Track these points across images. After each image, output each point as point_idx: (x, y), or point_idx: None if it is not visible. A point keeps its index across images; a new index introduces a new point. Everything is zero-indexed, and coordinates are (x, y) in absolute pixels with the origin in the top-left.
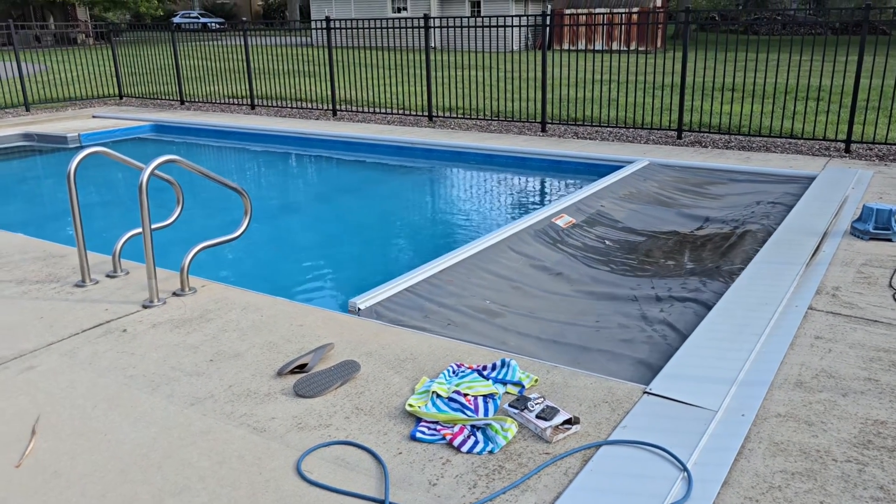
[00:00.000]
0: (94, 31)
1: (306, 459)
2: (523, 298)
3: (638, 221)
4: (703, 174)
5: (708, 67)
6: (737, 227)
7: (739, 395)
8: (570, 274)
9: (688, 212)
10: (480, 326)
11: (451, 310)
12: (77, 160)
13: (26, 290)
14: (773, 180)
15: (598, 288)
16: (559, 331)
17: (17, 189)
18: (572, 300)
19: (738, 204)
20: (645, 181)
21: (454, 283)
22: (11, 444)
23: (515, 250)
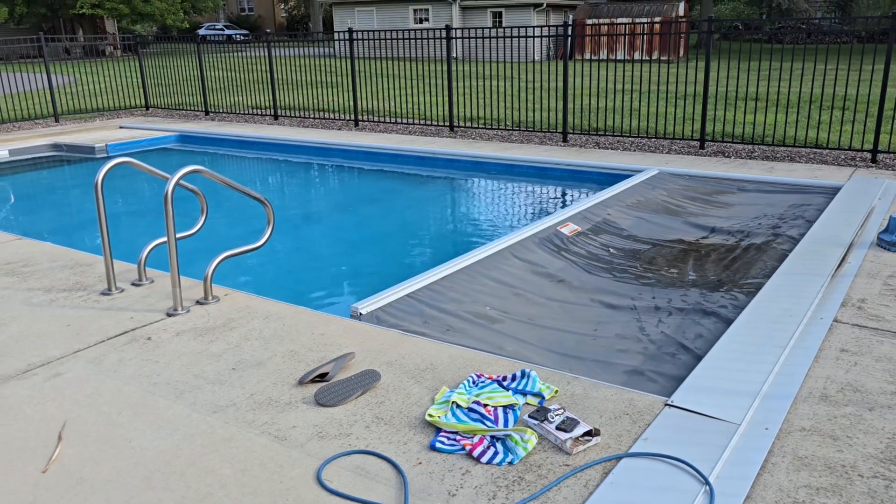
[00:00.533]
0: (122, 44)
1: (327, 468)
2: (524, 305)
3: (643, 230)
4: (713, 183)
5: (731, 77)
6: (741, 240)
7: (763, 408)
8: (572, 281)
9: (695, 221)
10: (479, 332)
11: (451, 315)
12: (104, 170)
13: (54, 297)
14: (788, 190)
15: (599, 296)
16: (557, 338)
17: (46, 198)
18: (572, 308)
19: (746, 215)
20: (653, 190)
21: (456, 289)
22: (38, 449)
23: (519, 257)
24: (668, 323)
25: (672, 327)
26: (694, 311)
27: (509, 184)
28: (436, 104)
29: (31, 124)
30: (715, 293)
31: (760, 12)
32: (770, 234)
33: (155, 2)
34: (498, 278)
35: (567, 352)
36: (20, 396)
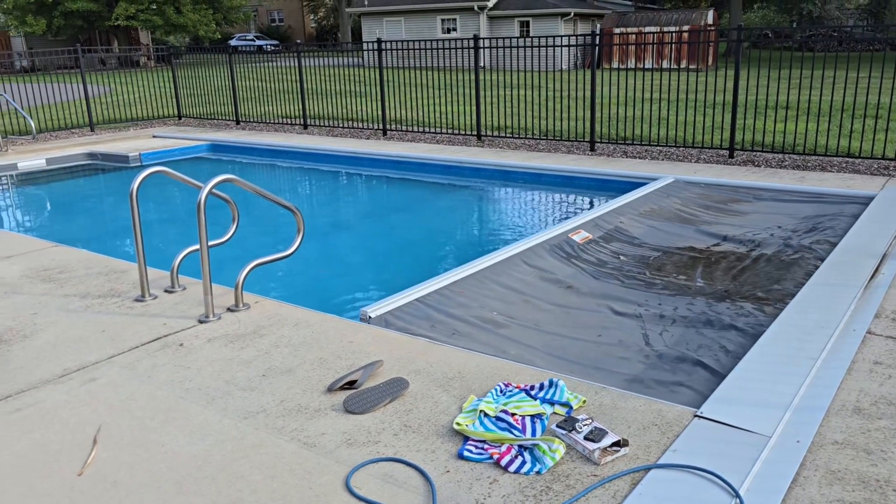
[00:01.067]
0: (156, 54)
1: (355, 475)
2: (531, 311)
3: (655, 238)
4: (728, 191)
5: (761, 85)
6: (752, 250)
7: (794, 420)
8: (580, 288)
9: (708, 230)
10: (485, 336)
11: (457, 320)
12: (139, 179)
13: (89, 304)
14: (816, 199)
15: (606, 303)
16: (560, 343)
17: (81, 206)
18: (579, 314)
19: (764, 224)
20: (668, 198)
21: (464, 294)
22: (74, 452)
23: (529, 264)
24: (671, 332)
25: (675, 337)
26: (698, 320)
27: (534, 192)
28: (463, 113)
29: (67, 133)
30: (721, 303)
31: (791, 20)
32: (784, 245)
33: (188, 13)
34: (507, 284)
35: (569, 357)
36: (57, 401)
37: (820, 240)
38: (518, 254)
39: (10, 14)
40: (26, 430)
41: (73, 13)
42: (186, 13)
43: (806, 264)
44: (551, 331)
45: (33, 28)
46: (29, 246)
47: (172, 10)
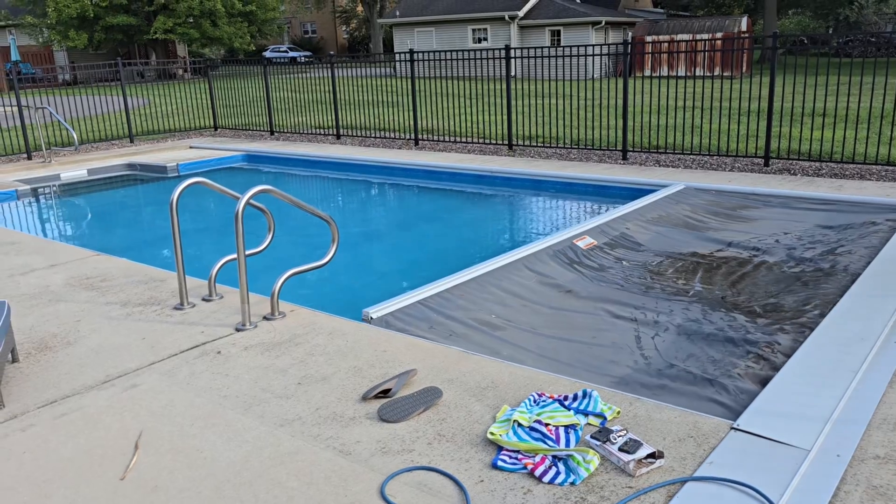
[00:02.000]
0: (192, 67)
1: (390, 483)
2: (528, 314)
3: (660, 244)
4: (741, 199)
5: (797, 92)
6: (754, 256)
7: (834, 434)
8: (579, 292)
9: (714, 236)
10: (480, 338)
11: (456, 322)
12: (179, 190)
13: (130, 311)
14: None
15: (604, 306)
16: (554, 345)
17: (121, 216)
18: (575, 317)
19: (773, 232)
20: (677, 204)
21: (465, 297)
22: (116, 457)
23: (531, 269)
24: (663, 337)
25: (666, 342)
26: (697, 333)
27: (565, 201)
28: (494, 123)
29: (108, 145)
30: (715, 312)
31: (827, 26)
32: (787, 256)
33: (223, 26)
34: (508, 288)
35: (560, 358)
36: (99, 406)
37: (827, 252)
38: (521, 259)
39: (53, 29)
40: (71, 435)
41: (114, 27)
42: (222, 26)
43: (806, 277)
44: (546, 333)
45: (75, 42)
46: (72, 255)
47: (209, 24)
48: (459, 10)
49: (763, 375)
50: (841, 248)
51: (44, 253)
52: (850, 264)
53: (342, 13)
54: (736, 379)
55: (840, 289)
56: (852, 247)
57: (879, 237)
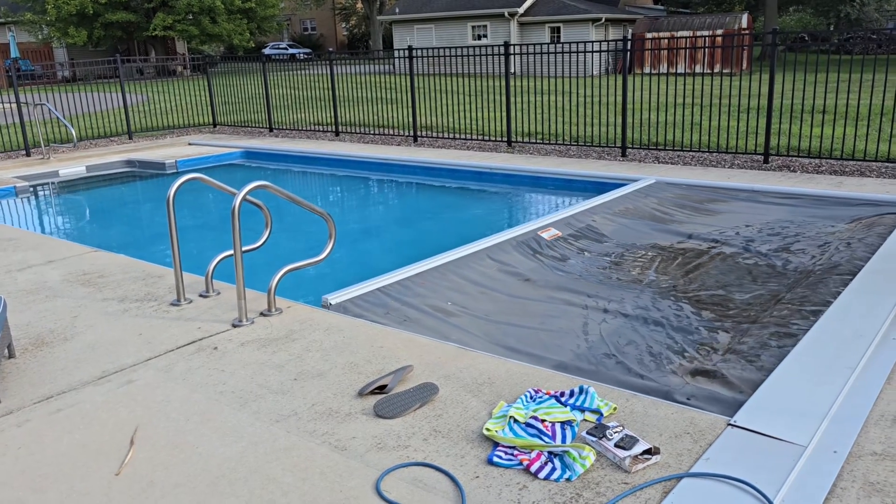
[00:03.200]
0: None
1: (385, 479)
2: (484, 302)
3: (623, 236)
4: (709, 192)
5: (797, 89)
6: (712, 247)
7: (831, 430)
8: (537, 281)
9: (677, 228)
10: (433, 323)
11: (412, 308)
12: (176, 186)
13: (127, 307)
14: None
15: (559, 295)
16: (503, 331)
17: (119, 212)
18: (530, 304)
19: (734, 225)
20: (646, 198)
21: (425, 285)
22: (112, 452)
23: (493, 258)
24: (611, 325)
25: (612, 330)
26: (642, 319)
27: (563, 198)
28: (494, 120)
29: (106, 141)
30: (664, 300)
31: (828, 23)
32: (742, 248)
33: (223, 23)
34: (468, 277)
35: (507, 343)
36: (96, 402)
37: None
38: (484, 249)
39: (52, 26)
40: (67, 430)
41: (113, 24)
42: (222, 23)
43: (757, 270)
44: (498, 319)
45: (75, 39)
46: (70, 251)
47: (208, 21)
48: (459, 7)
49: (692, 367)
50: (797, 244)
51: (41, 249)
52: (802, 262)
53: (342, 10)
54: (664, 371)
55: (786, 285)
56: (806, 244)
57: (836, 236)
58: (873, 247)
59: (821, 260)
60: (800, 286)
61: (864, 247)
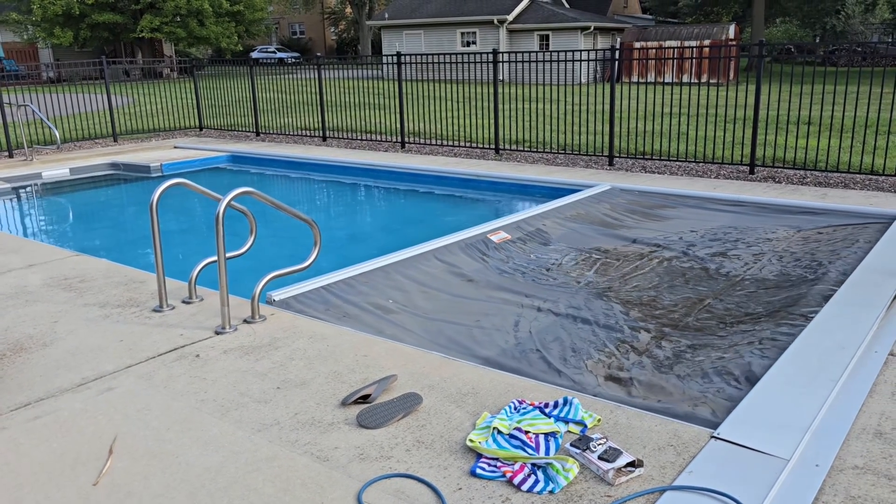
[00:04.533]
0: (178, 66)
1: (367, 490)
2: (425, 300)
3: (570, 240)
4: (661, 199)
5: (783, 100)
6: (652, 252)
7: (813, 444)
8: (480, 281)
9: (625, 233)
10: (370, 319)
11: (352, 305)
12: (159, 191)
13: (108, 313)
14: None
15: (497, 294)
16: (438, 327)
17: (103, 216)
18: (469, 303)
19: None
20: (598, 203)
21: (369, 283)
22: (89, 462)
23: (440, 259)
24: (541, 323)
25: (542, 327)
26: (572, 317)
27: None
28: (482, 127)
29: (91, 143)
30: (597, 301)
31: (814, 35)
32: (681, 252)
33: (211, 26)
34: (413, 276)
35: (440, 340)
36: (74, 409)
37: (722, 250)
38: (431, 250)
39: (38, 26)
40: (44, 439)
41: (99, 25)
42: (209, 25)
43: (691, 274)
44: (436, 317)
45: (60, 40)
46: (51, 255)
47: (196, 23)
48: (448, 14)
49: (607, 372)
50: (734, 250)
51: (22, 252)
52: (735, 268)
53: (331, 14)
54: (580, 368)
55: (715, 291)
56: (741, 250)
57: (772, 244)
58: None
59: (752, 268)
60: (726, 294)
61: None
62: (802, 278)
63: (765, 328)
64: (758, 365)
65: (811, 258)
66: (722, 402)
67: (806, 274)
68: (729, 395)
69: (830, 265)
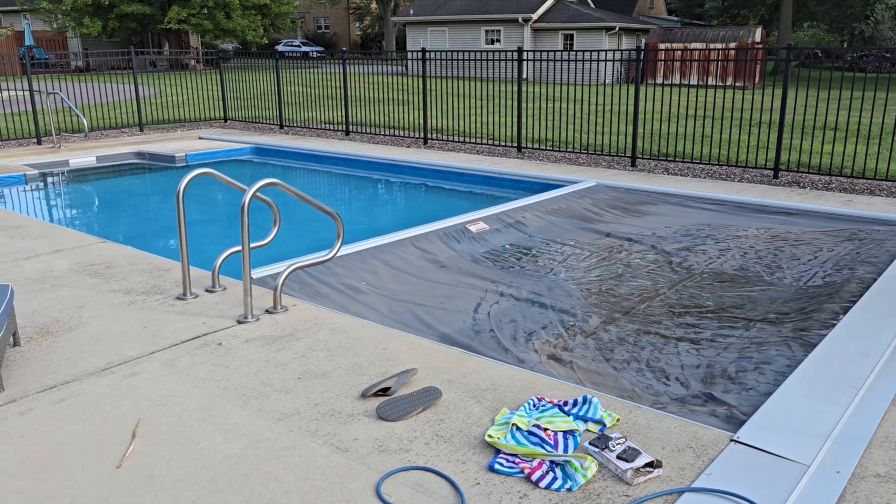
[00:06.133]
0: (204, 58)
1: (386, 482)
2: (397, 283)
3: (546, 232)
4: (644, 196)
5: (809, 105)
6: (622, 245)
7: (835, 450)
8: (452, 267)
9: (601, 227)
10: (341, 299)
11: (325, 285)
12: (187, 180)
13: (133, 299)
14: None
15: (466, 280)
16: (404, 307)
17: (128, 204)
18: (438, 287)
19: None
20: (581, 199)
21: (345, 266)
22: (113, 445)
23: (417, 246)
24: (501, 306)
25: (501, 310)
26: (531, 302)
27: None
28: (504, 125)
29: (117, 132)
30: (558, 289)
31: (842, 40)
32: (650, 247)
33: (237, 18)
34: (388, 262)
35: (403, 319)
36: (99, 393)
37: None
38: (409, 237)
39: (68, 15)
40: (69, 421)
41: (128, 16)
42: (236, 18)
43: (653, 266)
44: (404, 298)
45: (89, 29)
46: (77, 241)
47: (222, 15)
48: (473, 11)
49: (551, 352)
50: (700, 245)
51: (49, 238)
52: (698, 261)
53: (356, 10)
54: (527, 348)
55: (670, 281)
56: (708, 247)
57: (739, 241)
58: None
59: (716, 262)
60: (682, 286)
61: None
62: (759, 276)
63: (709, 324)
64: (685, 364)
65: (773, 258)
66: (649, 396)
67: (763, 273)
68: (656, 390)
69: (787, 270)
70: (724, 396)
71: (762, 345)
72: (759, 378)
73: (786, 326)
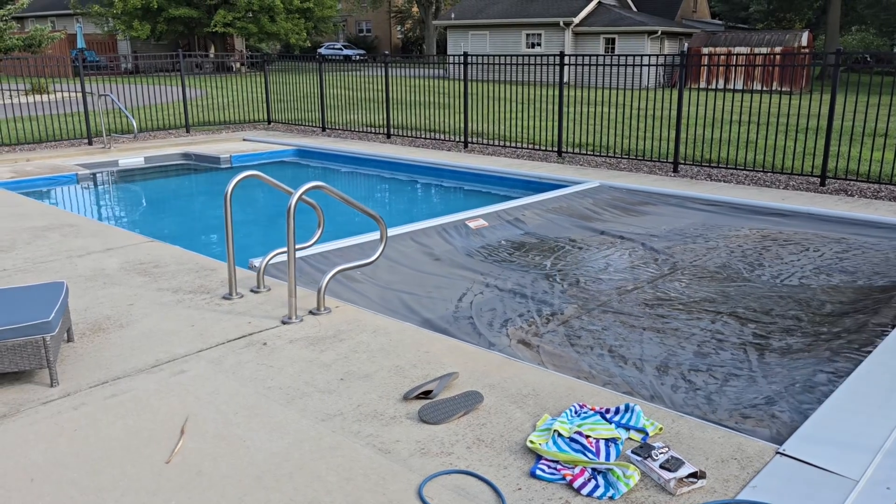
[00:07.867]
0: (249, 61)
1: (428, 485)
2: (391, 273)
3: (544, 229)
4: (644, 196)
5: (858, 111)
6: (613, 244)
7: (885, 465)
8: (446, 261)
9: (598, 226)
10: (333, 285)
11: (321, 274)
12: (235, 182)
13: (180, 298)
14: None
15: (457, 272)
16: (394, 295)
17: (175, 204)
18: (429, 278)
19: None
20: (582, 198)
21: (343, 257)
22: (162, 440)
23: (415, 241)
24: (485, 296)
25: (483, 300)
26: (513, 293)
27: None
28: (545, 129)
29: (165, 134)
30: (543, 281)
31: (892, 44)
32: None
33: (281, 22)
34: (385, 254)
35: (391, 305)
36: (148, 390)
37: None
38: (408, 232)
39: (118, 19)
40: (120, 416)
41: (175, 19)
42: (280, 22)
43: (637, 263)
44: (395, 287)
45: (138, 33)
46: (127, 240)
47: (267, 19)
48: (514, 15)
49: (522, 337)
50: (691, 244)
51: (100, 236)
52: (682, 260)
53: (397, 13)
54: (500, 333)
55: (652, 276)
56: (697, 245)
57: (732, 239)
58: None
59: (699, 260)
60: (662, 281)
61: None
62: (739, 273)
63: (678, 316)
64: (647, 353)
65: (757, 256)
66: (603, 378)
67: (743, 270)
68: (611, 373)
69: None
70: (677, 383)
71: (723, 342)
72: (708, 379)
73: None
